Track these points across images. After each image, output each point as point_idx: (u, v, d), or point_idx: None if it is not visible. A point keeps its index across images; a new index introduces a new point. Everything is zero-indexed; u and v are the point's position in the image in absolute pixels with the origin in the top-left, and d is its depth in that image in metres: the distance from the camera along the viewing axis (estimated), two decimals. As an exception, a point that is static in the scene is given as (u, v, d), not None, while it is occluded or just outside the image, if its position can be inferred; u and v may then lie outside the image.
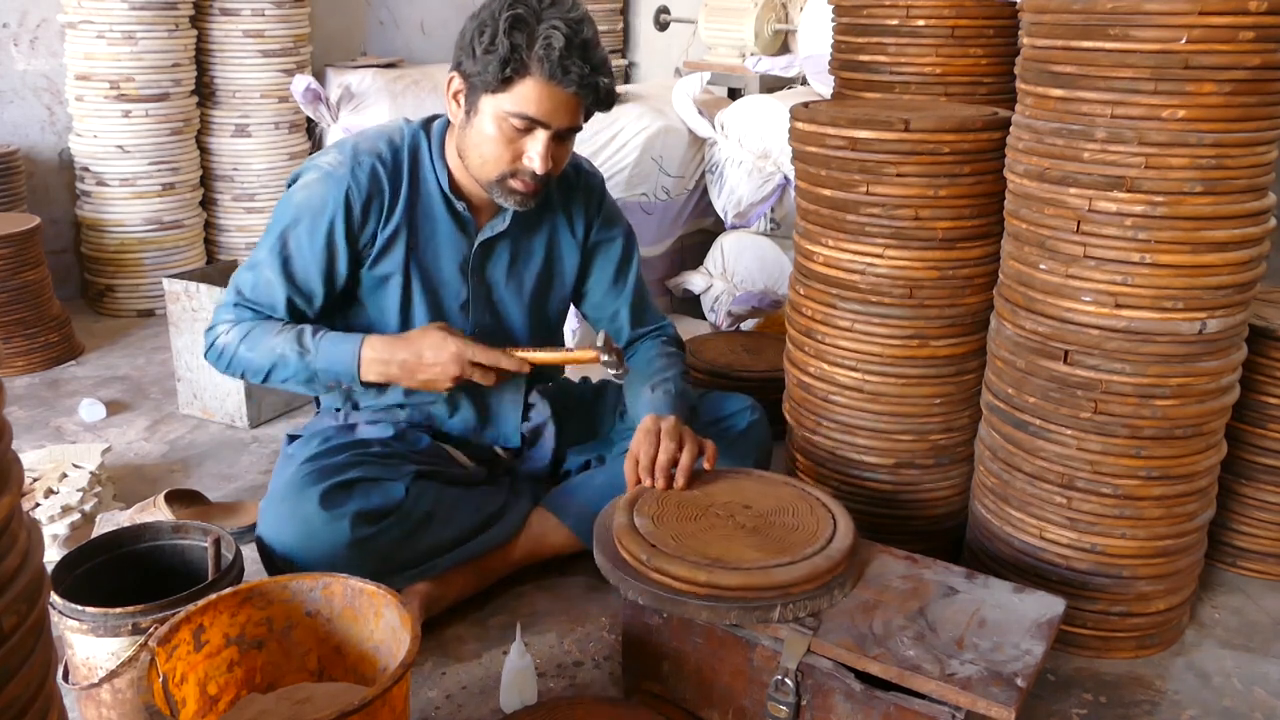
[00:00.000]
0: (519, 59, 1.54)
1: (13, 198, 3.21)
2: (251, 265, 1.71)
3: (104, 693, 1.32)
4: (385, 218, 1.70)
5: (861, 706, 1.31)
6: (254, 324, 1.69)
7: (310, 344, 1.66)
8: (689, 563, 1.38)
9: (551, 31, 1.53)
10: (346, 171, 1.66)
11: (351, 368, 1.65)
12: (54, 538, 1.89)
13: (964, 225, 1.74)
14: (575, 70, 1.54)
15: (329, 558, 1.54)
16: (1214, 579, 1.94)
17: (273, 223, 1.70)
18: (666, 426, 1.61)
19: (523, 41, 1.53)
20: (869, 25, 2.13)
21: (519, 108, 1.57)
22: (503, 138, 1.60)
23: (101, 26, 3.19)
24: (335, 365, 1.65)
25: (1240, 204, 1.48)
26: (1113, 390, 1.55)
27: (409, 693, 1.27)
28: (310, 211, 1.67)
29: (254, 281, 1.70)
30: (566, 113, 1.59)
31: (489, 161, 1.63)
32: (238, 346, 1.68)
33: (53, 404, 2.69)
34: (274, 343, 1.66)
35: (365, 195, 1.67)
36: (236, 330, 1.69)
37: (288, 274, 1.68)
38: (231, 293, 1.72)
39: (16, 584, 0.73)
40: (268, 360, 1.66)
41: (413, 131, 1.74)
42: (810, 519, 1.50)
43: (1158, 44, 1.40)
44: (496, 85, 1.56)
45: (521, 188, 1.65)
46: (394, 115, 3.39)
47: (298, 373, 1.66)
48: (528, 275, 1.83)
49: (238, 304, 1.71)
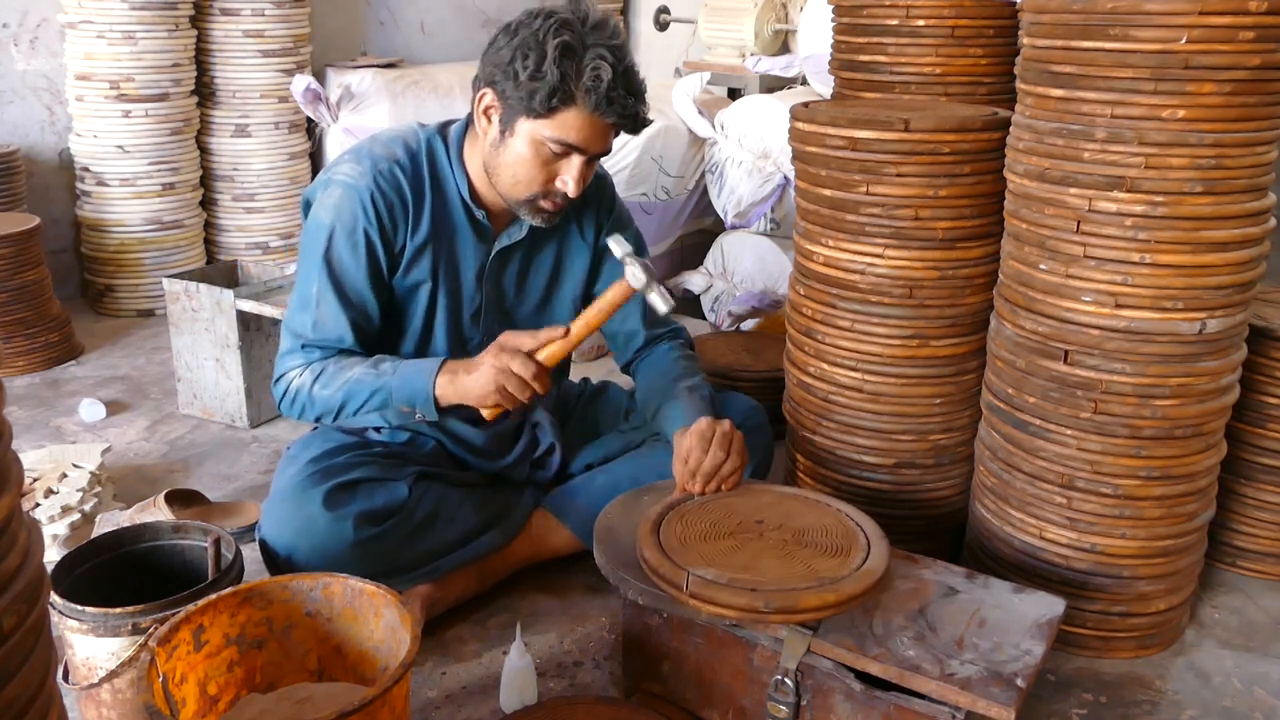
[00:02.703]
0: (567, 89, 1.52)
1: (13, 198, 3.21)
2: (303, 304, 1.65)
3: (104, 693, 1.32)
4: (414, 226, 1.67)
5: (861, 706, 1.31)
6: (324, 363, 1.64)
7: (388, 368, 1.61)
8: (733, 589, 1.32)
9: (599, 63, 1.52)
10: (369, 181, 1.63)
11: (428, 385, 1.58)
12: (54, 538, 1.89)
13: (964, 225, 1.74)
14: (619, 102, 1.54)
15: (332, 558, 1.54)
16: (1214, 579, 1.94)
17: (308, 252, 1.66)
18: (721, 432, 1.59)
19: (571, 72, 1.52)
20: (869, 25, 2.13)
21: (560, 134, 1.56)
22: (538, 160, 1.59)
23: (101, 26, 3.19)
24: (413, 383, 1.59)
25: (1240, 204, 1.48)
26: (1113, 390, 1.55)
27: (409, 693, 1.27)
28: (343, 226, 1.63)
29: (312, 320, 1.64)
30: (603, 139, 1.60)
31: (522, 182, 1.62)
32: (311, 387, 1.63)
33: (53, 404, 2.69)
34: (348, 375, 1.61)
35: (389, 203, 1.64)
36: (308, 372, 1.64)
37: (344, 297, 1.64)
38: (289, 339, 1.67)
39: (16, 584, 0.73)
40: (342, 393, 1.61)
41: (428, 137, 1.71)
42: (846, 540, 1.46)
43: (1158, 44, 1.40)
44: (540, 113, 1.54)
45: (550, 207, 1.65)
46: (394, 115, 3.40)
47: (372, 398, 1.60)
48: (538, 281, 1.82)
49: (303, 347, 1.65)
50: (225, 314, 2.46)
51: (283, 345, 1.69)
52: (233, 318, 2.45)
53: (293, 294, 1.69)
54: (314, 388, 1.63)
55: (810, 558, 1.41)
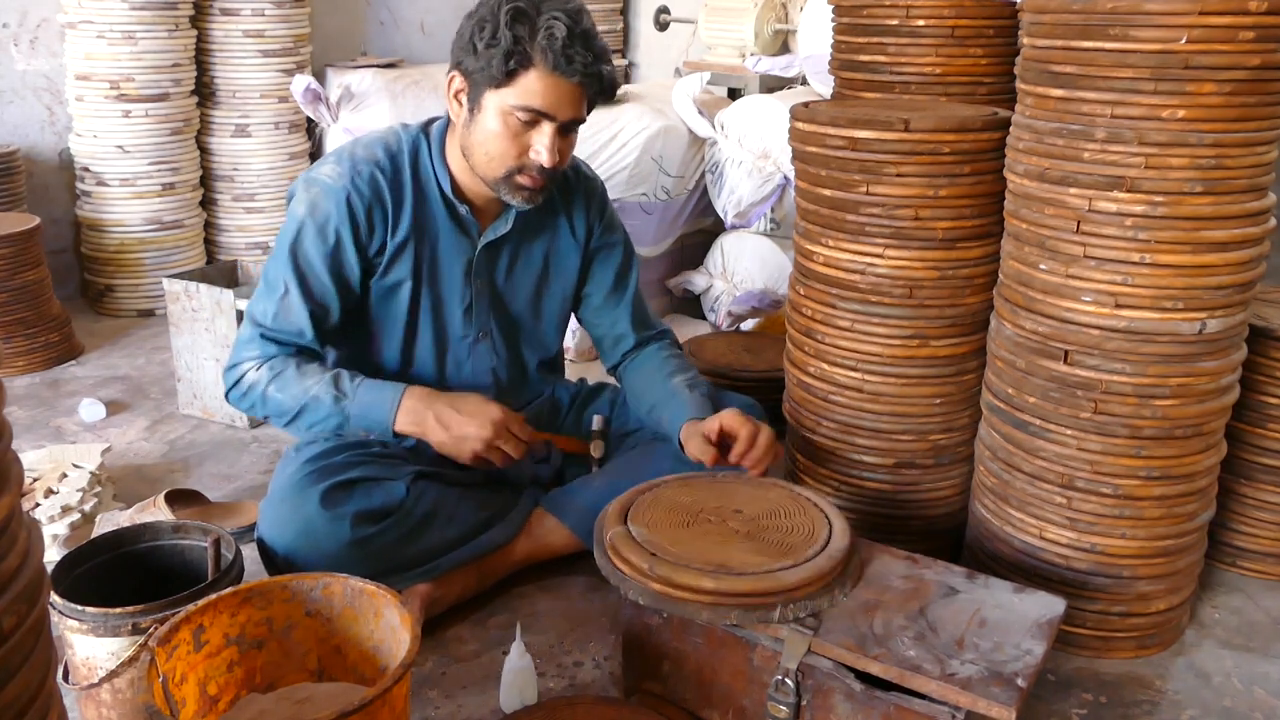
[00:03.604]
0: (522, 51, 1.54)
1: (13, 198, 3.21)
2: (267, 291, 1.66)
3: (104, 693, 1.32)
4: (393, 226, 1.68)
5: (862, 706, 1.31)
6: (285, 363, 1.64)
7: (348, 388, 1.62)
8: (694, 570, 1.37)
9: (553, 22, 1.53)
10: (347, 182, 1.65)
11: (388, 416, 1.62)
12: (54, 538, 1.89)
13: (964, 225, 1.74)
14: (579, 59, 1.54)
15: (330, 558, 1.54)
16: (1214, 579, 1.94)
17: (279, 244, 1.67)
18: (765, 433, 1.67)
19: (525, 33, 1.53)
20: (869, 25, 2.13)
21: (524, 100, 1.57)
22: (508, 132, 1.59)
23: (101, 26, 3.19)
24: (371, 411, 1.62)
25: (1240, 204, 1.48)
26: (1113, 390, 1.55)
27: (409, 693, 1.27)
28: (315, 222, 1.65)
29: (275, 310, 1.65)
30: (571, 103, 1.59)
31: (495, 158, 1.62)
32: (266, 386, 1.63)
33: (53, 404, 2.69)
34: (307, 385, 1.62)
35: (367, 204, 1.65)
36: (265, 369, 1.64)
37: (306, 290, 1.65)
38: (249, 327, 1.67)
39: (16, 584, 0.73)
40: (298, 403, 1.62)
41: (410, 136, 1.73)
42: (804, 520, 1.50)
43: (1158, 44, 1.40)
44: (500, 79, 1.56)
45: (529, 183, 1.64)
46: (394, 115, 3.40)
47: (329, 417, 1.62)
48: (529, 277, 1.83)
49: (263, 336, 1.66)
50: (225, 314, 2.46)
51: (241, 332, 1.70)
52: (233, 318, 2.45)
53: (260, 282, 1.70)
54: (269, 388, 1.64)
55: (779, 539, 1.45)
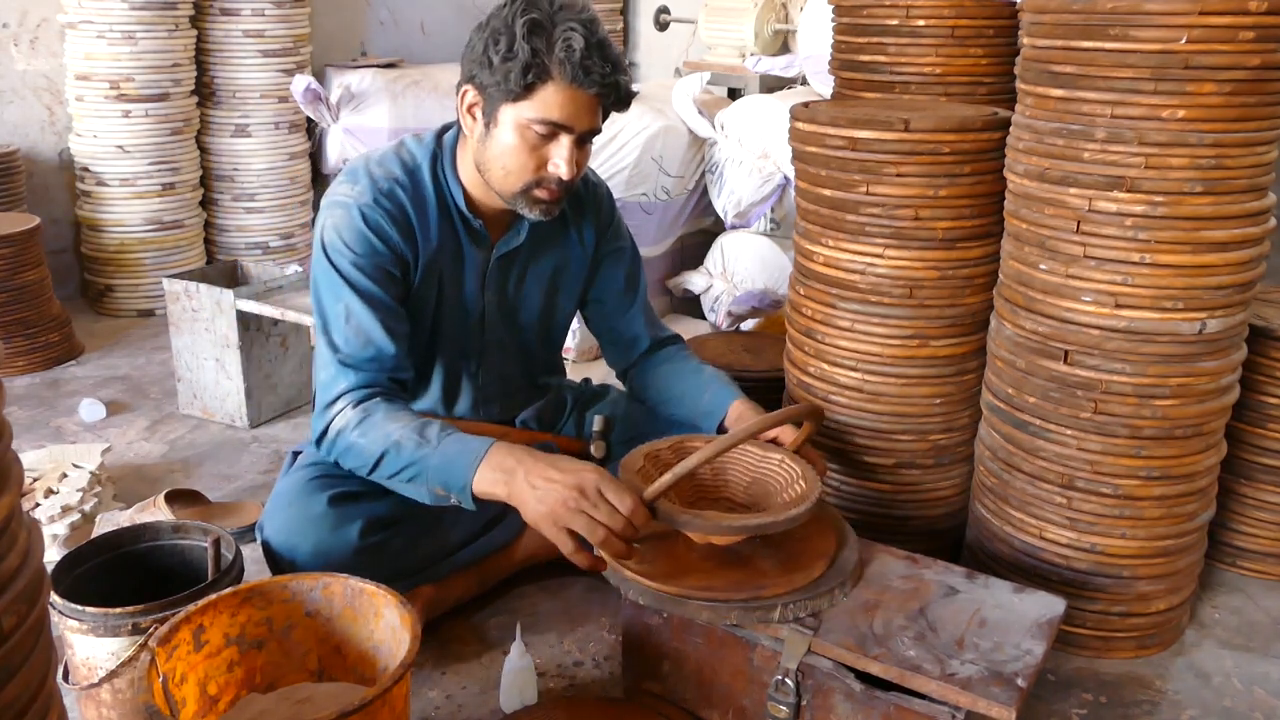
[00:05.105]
0: (540, 64, 1.50)
1: (13, 198, 3.21)
2: (331, 324, 1.58)
3: (104, 693, 1.32)
4: (422, 242, 1.65)
5: (861, 706, 1.31)
6: (376, 406, 1.53)
7: (434, 436, 1.48)
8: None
9: (570, 33, 1.50)
10: (370, 199, 1.60)
11: (469, 470, 1.44)
12: (54, 538, 1.89)
13: (964, 225, 1.74)
14: (597, 70, 1.51)
15: (337, 564, 1.53)
16: (1214, 579, 1.94)
17: (319, 277, 1.60)
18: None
19: (542, 45, 1.50)
20: (869, 25, 2.13)
21: (542, 113, 1.53)
22: (526, 146, 1.56)
23: (101, 26, 3.20)
24: (454, 464, 1.45)
25: (1240, 204, 1.48)
26: (1113, 390, 1.55)
27: (409, 693, 1.27)
28: (353, 241, 1.59)
29: (345, 335, 1.56)
30: (588, 114, 1.56)
31: (513, 172, 1.58)
32: (353, 431, 1.51)
33: (53, 404, 2.69)
34: (392, 428, 1.49)
35: (393, 220, 1.61)
36: (357, 410, 1.53)
37: (369, 302, 1.57)
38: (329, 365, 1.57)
39: (16, 584, 0.73)
40: (379, 447, 1.49)
41: (426, 150, 1.69)
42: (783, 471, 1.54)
43: (1158, 44, 1.40)
44: (518, 93, 1.52)
45: (547, 196, 1.61)
46: (394, 115, 3.40)
47: (407, 467, 1.48)
48: (538, 287, 1.82)
49: (342, 364, 1.55)
50: (225, 314, 2.46)
51: (320, 374, 1.58)
52: (233, 318, 2.45)
53: (317, 331, 1.62)
54: (354, 433, 1.51)
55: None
